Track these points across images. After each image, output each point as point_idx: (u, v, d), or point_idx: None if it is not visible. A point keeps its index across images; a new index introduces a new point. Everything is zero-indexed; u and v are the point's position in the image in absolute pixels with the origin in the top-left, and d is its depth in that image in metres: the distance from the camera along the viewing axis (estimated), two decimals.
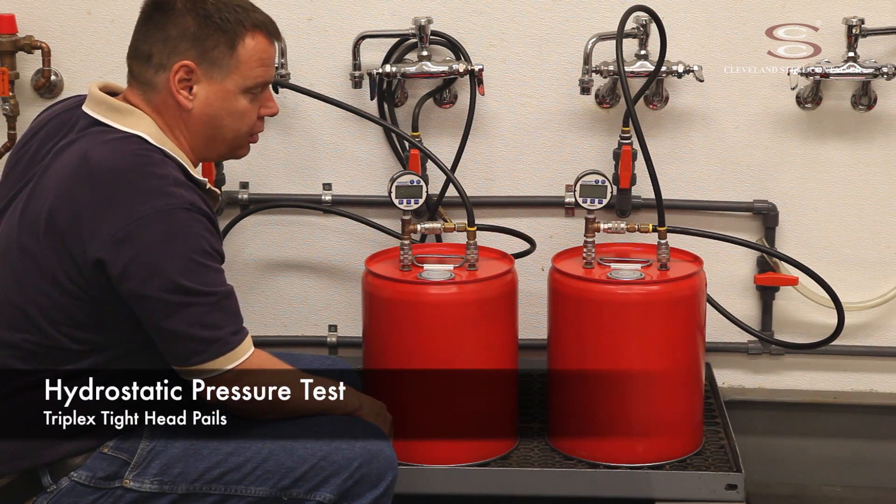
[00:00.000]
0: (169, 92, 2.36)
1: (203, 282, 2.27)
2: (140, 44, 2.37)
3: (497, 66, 3.29)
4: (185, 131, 2.40)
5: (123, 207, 2.25)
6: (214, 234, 2.33)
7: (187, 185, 2.31)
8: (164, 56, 2.35)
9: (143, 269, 2.24)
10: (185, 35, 2.34)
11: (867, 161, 3.33)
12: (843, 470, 3.42)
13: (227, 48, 2.37)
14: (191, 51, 2.35)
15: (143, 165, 2.28)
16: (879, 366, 3.43)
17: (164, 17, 2.35)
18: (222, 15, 2.36)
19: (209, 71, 2.36)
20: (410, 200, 2.98)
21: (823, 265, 3.22)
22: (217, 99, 2.39)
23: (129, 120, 2.35)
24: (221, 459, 2.37)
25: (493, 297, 2.93)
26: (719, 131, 3.33)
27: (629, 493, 2.94)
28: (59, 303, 2.30)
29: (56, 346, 2.32)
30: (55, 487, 2.35)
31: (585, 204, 3.01)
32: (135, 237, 2.24)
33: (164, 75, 2.35)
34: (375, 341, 2.96)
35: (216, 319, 2.29)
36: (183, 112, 2.38)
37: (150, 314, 2.28)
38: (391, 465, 2.42)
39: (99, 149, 2.30)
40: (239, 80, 2.39)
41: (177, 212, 2.26)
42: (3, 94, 3.24)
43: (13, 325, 2.33)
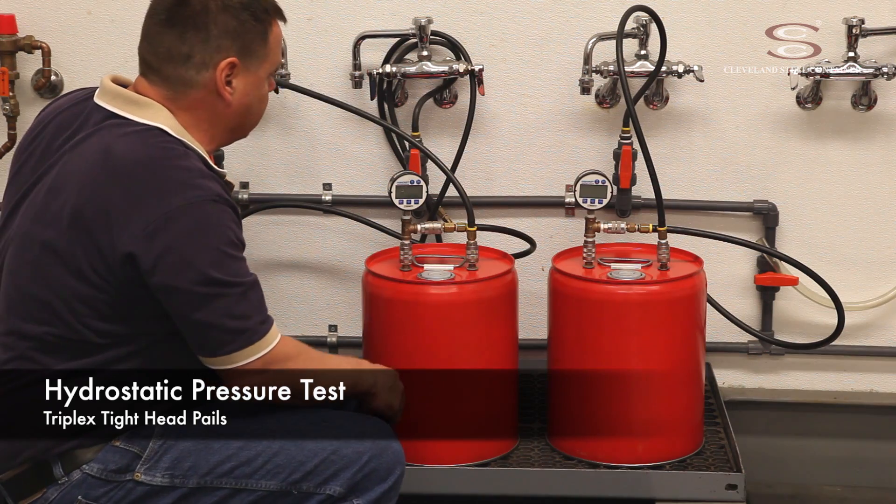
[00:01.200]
0: (210, 89, 2.37)
1: (232, 272, 2.29)
2: (174, 46, 2.36)
3: (497, 66, 3.29)
4: (213, 123, 2.41)
5: (153, 201, 2.26)
6: (238, 224, 2.36)
7: (211, 176, 2.33)
8: (207, 55, 2.36)
9: (174, 262, 2.25)
10: (226, 32, 2.36)
11: (867, 161, 3.33)
12: (843, 470, 3.42)
13: (262, 38, 2.41)
14: (233, 47, 2.37)
15: (168, 158, 2.30)
16: (879, 366, 3.43)
17: (199, 17, 2.35)
18: (253, 5, 2.39)
19: (247, 62, 2.39)
20: (411, 200, 2.98)
21: (823, 265, 3.22)
22: (252, 88, 2.42)
23: (148, 112, 2.35)
24: (232, 454, 2.38)
25: (493, 297, 2.93)
26: (719, 131, 3.33)
27: (629, 493, 2.94)
28: (83, 295, 2.31)
29: (79, 339, 2.33)
30: (66, 479, 2.36)
31: (585, 204, 3.01)
32: (166, 230, 2.25)
33: (208, 73, 2.37)
34: (375, 341, 2.96)
35: (244, 309, 2.31)
36: (221, 106, 2.40)
37: (180, 306, 2.29)
38: (399, 459, 2.44)
39: (121, 142, 2.31)
40: (269, 67, 2.44)
41: (205, 204, 2.27)
42: (3, 94, 3.24)
43: (35, 318, 2.34)
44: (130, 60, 3.31)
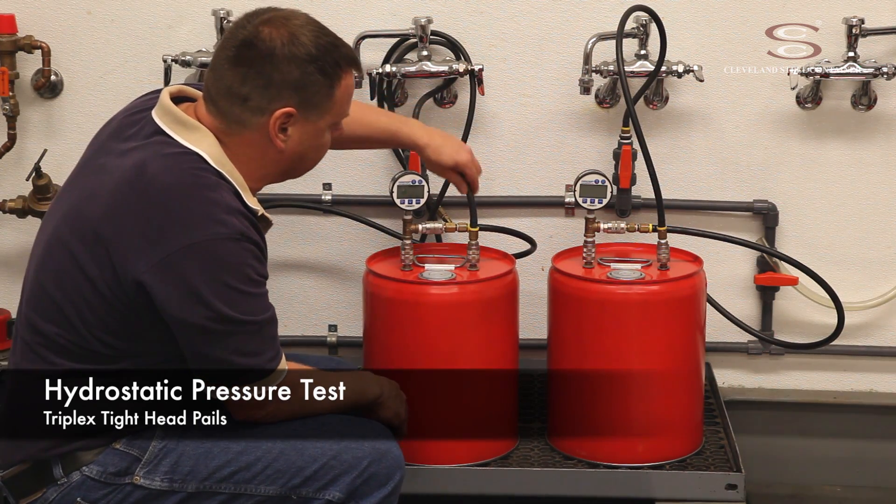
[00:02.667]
0: (263, 134, 2.34)
1: (246, 311, 2.28)
2: (235, 85, 2.32)
3: (497, 66, 3.29)
4: (262, 164, 2.38)
5: (172, 232, 2.24)
6: (261, 261, 2.32)
7: (238, 212, 2.29)
8: (264, 101, 2.32)
9: (186, 297, 2.24)
10: (288, 83, 2.31)
11: (867, 161, 3.33)
12: (843, 470, 3.42)
13: (327, 91, 2.35)
14: (293, 97, 2.33)
15: (198, 187, 2.27)
16: (879, 366, 3.43)
17: (263, 62, 2.31)
18: (323, 58, 2.33)
19: (307, 114, 2.35)
20: (412, 200, 2.98)
21: (823, 265, 3.22)
22: (309, 138, 2.38)
23: (194, 136, 2.33)
24: (232, 458, 2.38)
25: (493, 298, 2.93)
26: (719, 131, 3.33)
27: (629, 493, 2.94)
28: (94, 307, 2.30)
29: (87, 348, 2.33)
30: (66, 480, 2.36)
31: (585, 204, 3.01)
32: (181, 265, 2.24)
33: (262, 119, 2.33)
34: (376, 341, 2.96)
35: (255, 346, 2.31)
36: (272, 151, 2.36)
37: (190, 339, 2.29)
38: (399, 464, 2.45)
39: (157, 162, 2.29)
40: (331, 119, 2.39)
41: (225, 242, 2.25)
42: (3, 94, 3.24)
43: (48, 317, 2.35)
44: (130, 60, 3.34)
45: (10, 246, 3.43)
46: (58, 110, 3.36)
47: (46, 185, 3.25)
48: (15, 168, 3.35)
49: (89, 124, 3.33)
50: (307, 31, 2.34)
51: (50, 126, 3.36)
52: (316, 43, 2.33)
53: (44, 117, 3.36)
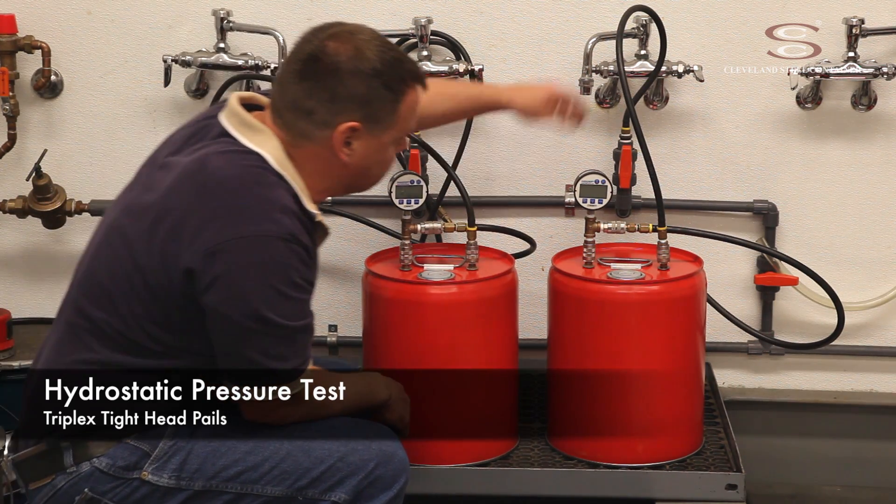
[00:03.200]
0: (328, 147, 2.35)
1: (283, 314, 2.28)
2: (300, 98, 2.33)
3: (497, 66, 3.29)
4: (325, 176, 2.39)
5: (225, 222, 2.25)
6: (308, 265, 2.34)
7: (293, 213, 2.30)
8: (329, 115, 2.33)
9: (228, 289, 2.25)
10: (353, 97, 2.32)
11: (867, 161, 3.33)
12: (843, 470, 3.42)
13: (392, 105, 2.36)
14: (358, 112, 2.33)
15: (255, 184, 2.29)
16: (879, 366, 3.43)
17: (328, 76, 2.32)
18: (388, 73, 2.34)
19: (371, 128, 2.35)
20: (411, 200, 2.98)
21: (823, 265, 3.22)
22: (373, 152, 2.39)
23: (257, 138, 2.35)
24: (239, 458, 2.39)
25: (493, 297, 2.93)
26: (719, 131, 3.33)
27: (629, 493, 2.94)
28: (142, 297, 2.32)
29: (131, 339, 2.34)
30: (75, 469, 2.37)
31: (585, 204, 3.01)
32: (229, 255, 2.25)
33: (327, 132, 2.34)
34: (376, 341, 2.97)
35: (284, 351, 2.31)
36: (336, 164, 2.37)
37: (221, 331, 2.30)
38: (405, 467, 2.45)
39: (217, 158, 2.31)
40: (395, 134, 2.40)
41: (275, 240, 2.26)
42: (3, 94, 3.24)
43: (97, 303, 2.36)
44: (130, 60, 3.34)
45: (10, 246, 3.43)
46: (58, 110, 3.36)
47: (46, 185, 3.25)
48: (15, 168, 3.35)
49: (89, 124, 3.34)
50: (373, 45, 2.35)
51: (50, 126, 3.36)
52: (381, 58, 2.34)
53: (44, 117, 3.36)
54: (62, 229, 3.37)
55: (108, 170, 3.37)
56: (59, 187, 3.30)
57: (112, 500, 2.38)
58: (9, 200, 3.31)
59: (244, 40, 3.28)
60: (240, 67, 3.24)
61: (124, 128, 3.36)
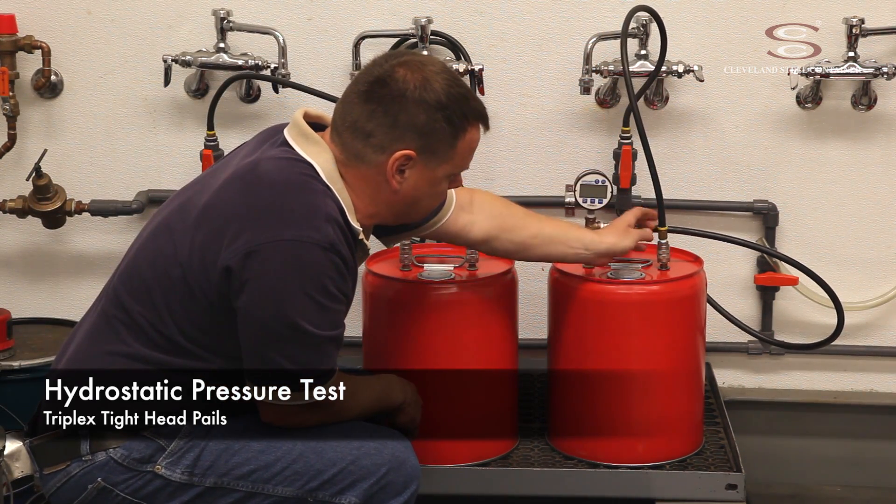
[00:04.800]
0: (380, 172, 2.37)
1: (314, 322, 2.29)
2: (361, 120, 2.35)
3: (497, 66, 3.29)
4: (375, 200, 2.40)
5: (267, 224, 2.27)
6: (345, 276, 2.33)
7: (336, 223, 2.31)
8: (386, 140, 2.35)
9: (261, 291, 2.26)
10: (413, 126, 2.34)
11: (867, 161, 3.33)
12: (843, 470, 3.42)
13: (450, 140, 2.38)
14: (415, 141, 2.35)
15: (302, 190, 2.31)
16: (879, 366, 3.44)
17: (393, 102, 2.33)
18: (451, 107, 2.35)
19: (426, 159, 2.37)
20: None
21: (823, 265, 3.22)
22: (426, 184, 2.41)
23: (312, 149, 2.37)
24: (252, 457, 2.39)
25: (493, 297, 2.93)
26: (719, 131, 3.33)
27: (629, 493, 2.93)
28: (180, 293, 2.34)
29: (165, 334, 2.35)
30: (91, 458, 2.38)
31: (585, 204, 3.01)
32: (266, 257, 2.26)
33: (382, 157, 2.36)
34: (375, 341, 2.96)
35: (309, 359, 2.32)
36: (386, 189, 2.39)
37: (250, 332, 2.31)
38: (416, 474, 2.46)
39: (269, 162, 2.34)
40: (450, 169, 2.42)
41: (314, 247, 2.27)
42: (3, 94, 3.24)
43: (136, 296, 2.37)
44: (130, 60, 3.34)
45: (10, 246, 3.43)
46: (58, 110, 3.36)
47: (46, 185, 3.25)
48: (15, 168, 3.35)
49: (89, 124, 3.34)
50: (441, 78, 2.36)
51: (50, 126, 3.36)
52: (447, 91, 2.35)
53: (44, 117, 3.36)
54: (62, 229, 3.37)
55: (108, 170, 3.37)
56: (59, 187, 3.30)
57: (124, 492, 2.39)
58: (9, 200, 3.31)
59: (244, 40, 3.28)
60: (240, 67, 3.24)
61: (124, 128, 3.36)
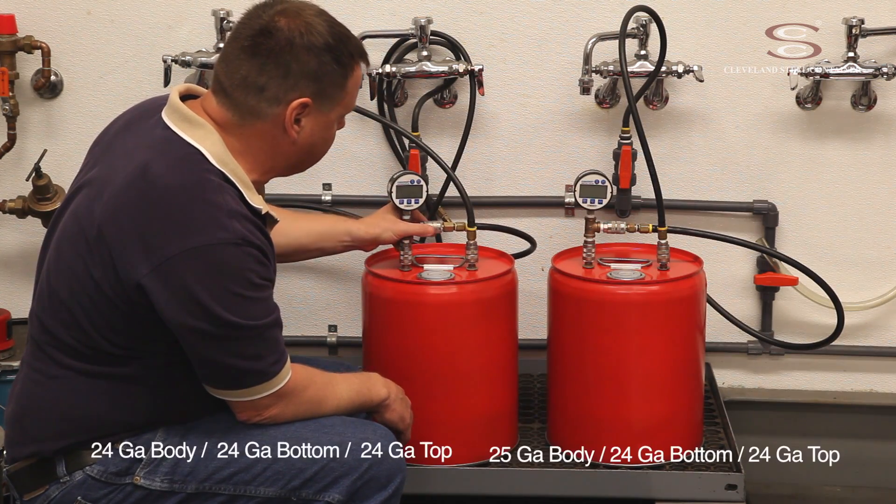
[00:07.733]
0: (277, 124, 2.35)
1: (247, 315, 2.27)
2: (251, 75, 2.32)
3: (497, 66, 3.29)
4: (271, 156, 2.38)
5: (172, 236, 2.23)
6: (264, 264, 2.32)
7: (241, 216, 2.28)
8: (281, 91, 2.33)
9: (186, 302, 2.24)
10: (305, 73, 2.32)
11: (867, 161, 3.33)
12: (843, 470, 3.42)
13: (341, 81, 2.37)
14: (309, 87, 2.34)
15: (199, 190, 2.26)
16: (879, 366, 3.44)
17: (282, 52, 2.31)
18: (338, 48, 2.35)
19: (320, 104, 2.36)
20: (411, 200, 2.98)
21: (823, 265, 3.22)
22: (320, 129, 2.40)
23: (197, 133, 2.32)
24: (231, 459, 2.38)
25: (492, 297, 2.93)
26: (719, 131, 3.33)
27: (629, 493, 2.93)
28: (100, 307, 2.30)
29: (96, 348, 2.33)
30: (68, 479, 2.36)
31: (585, 204, 3.01)
32: (180, 269, 2.23)
33: (278, 109, 2.34)
34: (375, 341, 2.96)
35: (257, 350, 2.31)
36: (284, 142, 2.37)
37: (191, 343, 2.29)
38: (400, 467, 2.44)
39: (161, 162, 2.28)
40: (341, 111, 2.42)
41: (226, 247, 2.24)
42: (3, 94, 3.24)
43: (57, 317, 2.35)
44: (130, 60, 3.34)
45: (10, 246, 3.43)
46: (58, 110, 3.36)
47: (46, 186, 3.25)
48: (15, 168, 3.35)
49: (89, 124, 3.33)
50: (321, 21, 2.36)
51: (50, 126, 3.36)
52: (331, 32, 2.35)
53: (44, 117, 3.36)
54: None
55: None
56: (59, 187, 3.30)
57: None
58: (9, 200, 3.31)
59: None
60: None
61: None
